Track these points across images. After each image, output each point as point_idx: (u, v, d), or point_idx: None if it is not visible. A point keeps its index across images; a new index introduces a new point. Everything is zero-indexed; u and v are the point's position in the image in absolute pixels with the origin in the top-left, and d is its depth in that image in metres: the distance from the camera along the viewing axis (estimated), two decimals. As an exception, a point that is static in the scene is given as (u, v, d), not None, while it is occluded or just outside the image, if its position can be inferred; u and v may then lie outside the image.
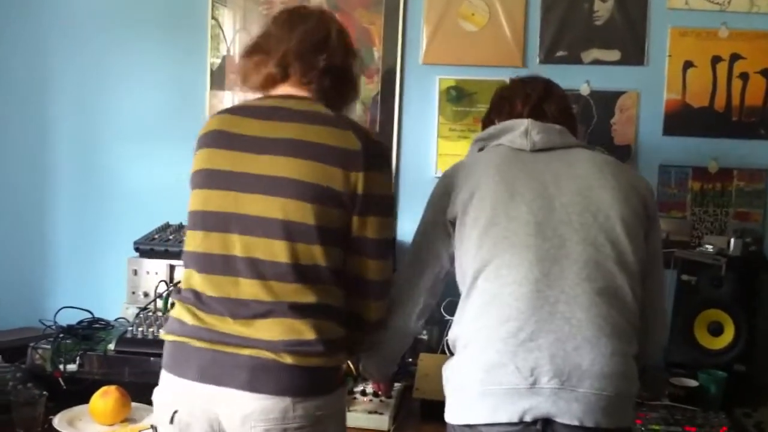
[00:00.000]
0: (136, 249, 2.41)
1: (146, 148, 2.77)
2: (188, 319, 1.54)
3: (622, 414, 1.57)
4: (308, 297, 1.51)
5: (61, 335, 2.15)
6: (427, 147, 2.64)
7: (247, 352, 1.48)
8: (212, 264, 1.55)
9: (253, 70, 1.70)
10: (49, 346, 2.12)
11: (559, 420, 1.50)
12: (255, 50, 1.70)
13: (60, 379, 2.07)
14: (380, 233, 1.60)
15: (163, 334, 1.60)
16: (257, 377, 1.47)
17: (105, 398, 1.97)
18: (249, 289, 1.51)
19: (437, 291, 1.77)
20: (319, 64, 1.64)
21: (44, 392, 1.99)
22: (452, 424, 1.61)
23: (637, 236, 1.63)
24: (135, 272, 2.41)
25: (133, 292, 2.41)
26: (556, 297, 1.53)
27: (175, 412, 1.53)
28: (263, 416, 1.47)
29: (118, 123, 2.78)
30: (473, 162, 1.75)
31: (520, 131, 1.73)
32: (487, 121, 1.90)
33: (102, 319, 2.34)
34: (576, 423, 1.50)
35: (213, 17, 2.72)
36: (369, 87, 2.65)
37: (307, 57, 1.64)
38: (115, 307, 2.43)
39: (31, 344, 2.14)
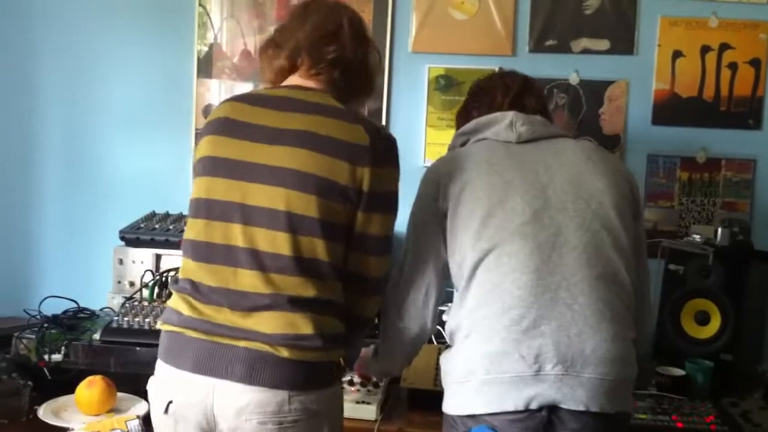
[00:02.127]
0: (122, 238, 2.39)
1: (133, 136, 2.75)
2: (184, 310, 1.53)
3: (624, 398, 1.59)
4: (308, 291, 1.50)
5: (46, 325, 2.14)
6: (415, 136, 2.62)
7: (243, 344, 1.47)
8: (213, 253, 1.53)
9: (267, 65, 1.70)
10: (33, 336, 2.10)
11: (564, 406, 1.51)
12: (269, 44, 1.70)
13: (45, 369, 2.05)
14: (383, 230, 1.59)
15: (159, 324, 1.59)
16: (254, 369, 1.46)
17: (90, 388, 1.95)
18: (249, 280, 1.50)
19: (443, 285, 1.75)
20: (328, 55, 1.62)
21: (29, 382, 1.98)
22: (452, 414, 1.60)
23: (629, 222, 1.66)
24: (121, 261, 2.39)
25: (119, 282, 2.39)
26: (557, 283, 1.54)
27: (170, 402, 1.52)
28: (259, 409, 1.46)
29: (105, 111, 2.76)
30: (460, 155, 1.74)
31: (505, 124, 1.73)
32: (464, 113, 1.90)
33: (87, 309, 2.32)
34: (581, 408, 1.51)
35: (200, 5, 2.69)
36: (357, 75, 2.63)
37: (317, 48, 1.63)
38: (101, 296, 2.41)
39: (16, 334, 2.12)
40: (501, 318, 1.54)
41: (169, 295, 2.14)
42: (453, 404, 1.61)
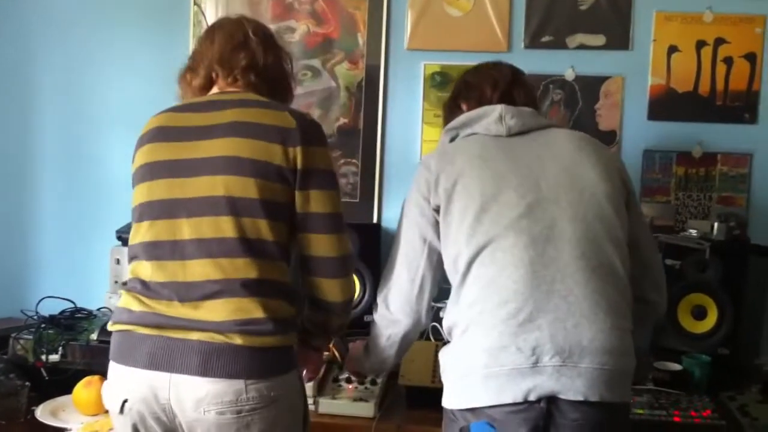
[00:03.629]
0: (119, 238, 2.39)
1: (129, 136, 2.67)
2: (135, 307, 1.55)
3: (622, 389, 1.59)
4: (256, 272, 1.53)
5: (44, 325, 2.14)
6: (411, 133, 2.62)
7: (196, 336, 1.49)
8: (160, 250, 1.57)
9: (187, 88, 1.77)
10: (31, 337, 2.10)
11: (563, 396, 1.51)
12: (186, 71, 1.78)
13: (42, 370, 2.06)
14: (325, 207, 1.62)
15: (110, 325, 1.60)
16: (209, 361, 1.48)
17: (88, 388, 1.96)
18: (199, 269, 1.53)
19: (437, 279, 1.75)
20: (240, 62, 1.70)
21: (26, 383, 1.98)
22: (452, 408, 1.61)
23: (622, 211, 1.66)
24: (118, 261, 2.39)
25: (116, 282, 2.38)
26: (553, 276, 1.54)
27: (125, 401, 1.53)
28: (216, 399, 1.48)
29: (101, 111, 2.75)
30: (450, 151, 1.75)
31: (494, 117, 1.73)
32: (453, 106, 1.89)
33: (84, 309, 2.32)
34: (580, 398, 1.51)
35: (195, 3, 2.69)
36: (353, 73, 2.63)
37: (228, 59, 1.71)
38: (98, 296, 2.41)
39: (13, 334, 2.12)
40: (498, 312, 1.54)
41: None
42: (453, 399, 1.61)
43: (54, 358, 2.07)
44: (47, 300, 2.27)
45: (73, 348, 2.07)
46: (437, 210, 1.68)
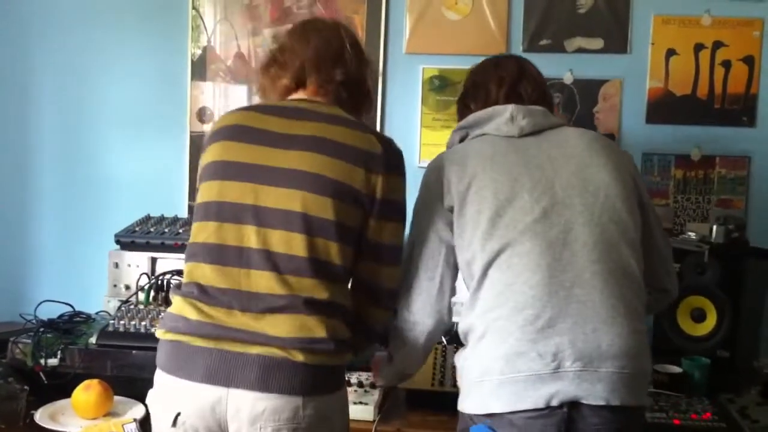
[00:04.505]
0: (117, 242, 2.39)
1: (128, 139, 2.75)
2: (192, 315, 1.50)
3: (641, 392, 1.59)
4: (323, 293, 1.50)
5: (42, 329, 2.13)
6: (410, 137, 2.62)
7: (256, 350, 1.45)
8: (225, 255, 1.52)
9: (270, 84, 1.70)
10: (29, 341, 2.09)
11: (585, 401, 1.51)
12: (271, 63, 1.71)
13: (41, 374, 2.04)
14: (395, 239, 1.61)
15: (160, 333, 1.54)
16: (268, 376, 1.45)
17: (87, 392, 1.95)
18: (263, 281, 1.49)
19: (455, 278, 1.71)
20: (337, 77, 1.65)
21: (25, 387, 1.97)
22: (470, 413, 1.60)
23: (635, 211, 1.66)
24: (116, 265, 2.38)
25: (115, 285, 2.39)
26: (571, 281, 1.53)
27: (179, 414, 1.49)
28: (275, 416, 1.45)
29: (99, 115, 2.76)
30: (461, 151, 1.73)
31: (505, 118, 1.71)
32: (462, 107, 1.87)
33: (83, 313, 2.31)
34: (602, 403, 1.51)
35: (194, 7, 2.69)
36: (352, 76, 2.63)
37: (324, 69, 1.65)
38: (97, 300, 2.40)
39: (12, 338, 2.11)
40: (515, 318, 1.53)
41: (166, 299, 2.14)
42: (470, 404, 1.60)
43: (53, 362, 2.06)
44: (46, 304, 2.26)
45: (72, 352, 2.06)
46: (451, 211, 1.66)
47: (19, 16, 2.76)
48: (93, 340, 2.08)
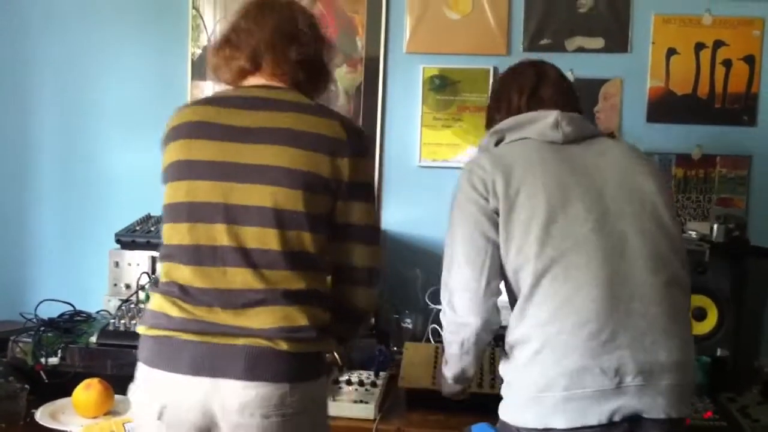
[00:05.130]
0: (118, 241, 2.39)
1: (128, 138, 2.75)
2: (174, 313, 1.51)
3: (690, 402, 1.61)
4: (299, 283, 1.51)
5: (42, 328, 2.13)
6: (411, 136, 2.62)
7: (242, 341, 1.47)
8: (201, 255, 1.52)
9: (224, 65, 1.67)
10: (30, 340, 2.09)
11: (646, 416, 1.51)
12: (225, 44, 1.68)
13: (42, 373, 2.05)
14: (365, 219, 1.61)
15: (143, 329, 1.55)
16: (255, 365, 1.46)
17: (88, 391, 1.95)
18: (239, 278, 1.50)
19: (500, 276, 1.66)
20: (293, 56, 1.63)
21: (26, 386, 1.97)
22: (519, 426, 1.56)
23: (677, 220, 1.66)
24: (116, 264, 2.39)
25: (115, 284, 2.39)
26: (630, 294, 1.53)
27: (164, 407, 1.50)
28: (263, 403, 1.46)
29: (100, 114, 2.76)
30: (504, 154, 1.69)
31: (549, 123, 1.68)
32: (490, 115, 1.84)
33: (83, 312, 2.31)
34: (663, 416, 1.51)
35: (194, 7, 2.69)
36: (352, 76, 2.63)
37: (279, 49, 1.63)
38: (97, 299, 2.40)
39: (12, 337, 2.11)
40: (578, 333, 1.51)
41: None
42: (524, 418, 1.56)
43: (53, 361, 2.06)
44: (46, 303, 2.26)
45: (72, 351, 2.07)
46: (496, 212, 1.62)
47: (19, 16, 2.76)
48: (93, 339, 2.08)
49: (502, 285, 1.65)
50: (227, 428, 1.48)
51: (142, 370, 1.55)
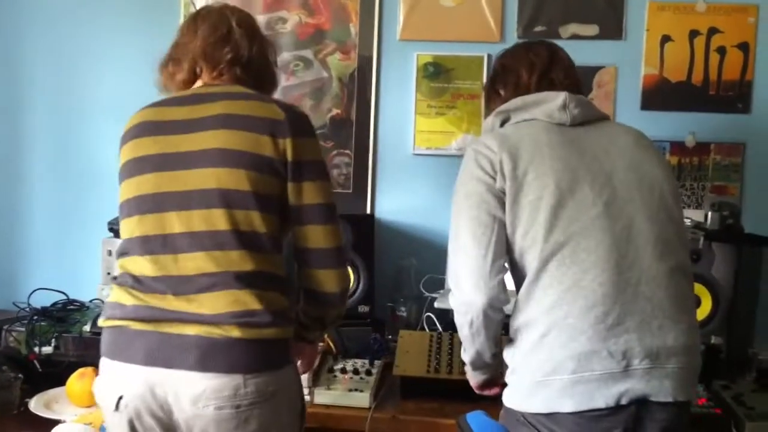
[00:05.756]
0: (111, 229, 2.38)
1: (119, 128, 2.67)
2: (128, 301, 1.53)
3: (696, 385, 1.63)
4: (250, 265, 1.52)
5: (36, 317, 2.13)
6: (405, 124, 2.61)
7: (193, 330, 1.48)
8: (151, 245, 1.55)
9: (169, 80, 1.75)
10: (23, 329, 2.10)
11: (653, 399, 1.51)
12: (168, 61, 1.76)
13: (35, 362, 2.05)
14: (318, 198, 1.61)
15: (101, 321, 1.58)
16: (207, 356, 1.47)
17: (82, 380, 1.95)
18: (191, 263, 1.52)
19: (506, 254, 1.64)
20: (225, 57, 1.69)
21: (19, 375, 1.97)
22: (524, 411, 1.56)
23: (680, 208, 1.68)
24: (110, 253, 2.37)
25: (108, 273, 2.37)
26: (637, 278, 1.54)
27: (120, 397, 1.52)
28: (215, 394, 1.47)
29: (93, 103, 2.74)
30: (512, 135, 1.67)
31: (557, 105, 1.67)
32: (491, 91, 1.83)
33: (77, 301, 2.31)
34: (670, 399, 1.52)
35: (186, -5, 2.68)
36: (346, 63, 2.62)
37: (212, 54, 1.69)
38: (90, 288, 2.39)
39: (5, 327, 2.12)
40: (586, 316, 1.52)
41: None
42: (530, 403, 1.56)
43: (47, 350, 2.06)
44: (39, 292, 2.26)
45: (66, 340, 2.07)
46: (503, 192, 1.60)
47: (10, 8, 2.74)
48: (87, 328, 2.09)
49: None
50: (182, 419, 1.50)
51: (102, 362, 1.58)
